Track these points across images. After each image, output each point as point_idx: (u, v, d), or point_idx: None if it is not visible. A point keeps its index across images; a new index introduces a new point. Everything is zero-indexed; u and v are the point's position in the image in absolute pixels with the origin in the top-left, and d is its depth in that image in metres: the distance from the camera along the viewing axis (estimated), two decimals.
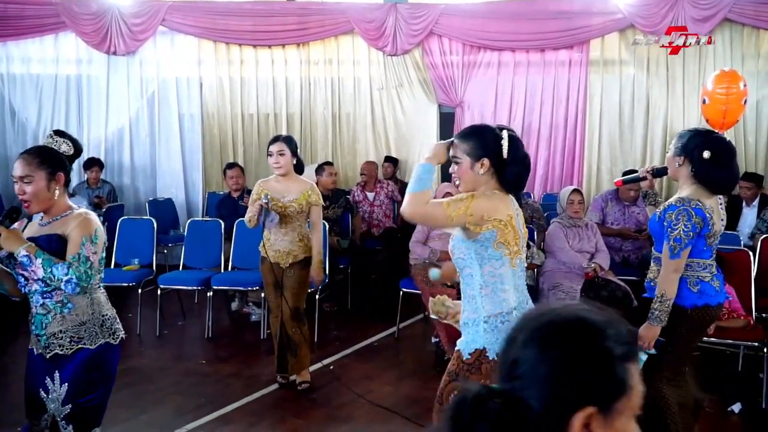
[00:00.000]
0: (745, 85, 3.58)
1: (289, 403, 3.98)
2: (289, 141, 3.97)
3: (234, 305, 5.89)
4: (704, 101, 4.14)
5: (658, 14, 6.80)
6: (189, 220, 5.73)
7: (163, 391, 4.09)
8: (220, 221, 5.49)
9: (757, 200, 5.86)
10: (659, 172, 3.10)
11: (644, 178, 3.18)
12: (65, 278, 2.27)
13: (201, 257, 5.48)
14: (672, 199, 2.86)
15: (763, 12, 6.53)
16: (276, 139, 3.98)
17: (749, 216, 5.80)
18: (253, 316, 5.54)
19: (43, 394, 2.39)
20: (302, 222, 4.01)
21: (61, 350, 2.36)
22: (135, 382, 4.17)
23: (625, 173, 3.20)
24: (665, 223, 2.78)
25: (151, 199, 7.26)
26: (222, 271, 5.40)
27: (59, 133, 2.49)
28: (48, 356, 2.38)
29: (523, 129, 7.40)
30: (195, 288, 5.29)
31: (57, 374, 2.37)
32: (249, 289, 5.26)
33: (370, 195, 6.74)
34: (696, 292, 2.83)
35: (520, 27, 7.31)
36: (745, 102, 3.57)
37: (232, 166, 6.25)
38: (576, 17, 7.14)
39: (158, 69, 7.60)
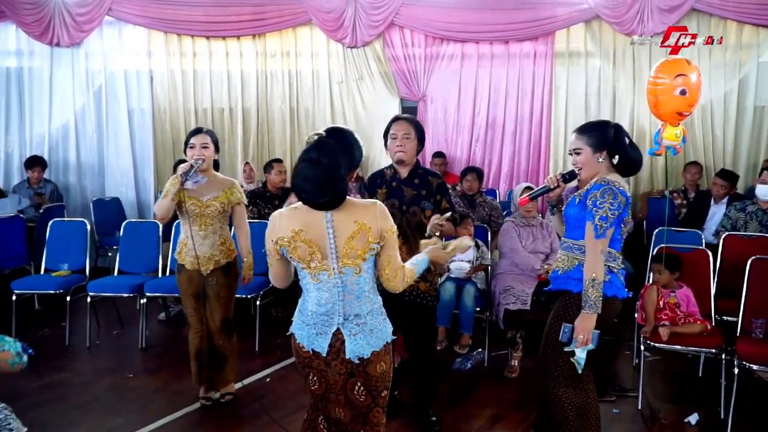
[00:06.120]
0: (678, 76, 3.31)
1: (216, 421, 3.68)
2: (212, 134, 3.65)
3: (171, 311, 5.57)
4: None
5: (624, 4, 6.56)
6: (125, 222, 5.41)
7: (80, 408, 3.78)
8: (158, 223, 5.18)
9: (725, 198, 5.66)
10: (570, 177, 2.89)
11: (556, 188, 2.91)
12: None
13: (137, 261, 5.17)
14: (592, 182, 2.77)
15: (730, 2, 6.31)
16: (198, 130, 3.61)
17: (717, 213, 5.59)
18: None
19: None
20: (223, 224, 3.65)
21: None
22: (52, 399, 3.87)
23: (566, 173, 2.92)
24: (589, 203, 2.67)
25: (94, 199, 6.90)
26: (160, 275, 5.10)
27: None
28: None
29: (488, 123, 7.17)
30: (127, 295, 4.95)
31: None
32: None
33: None
34: (607, 282, 2.70)
35: (484, 18, 7.04)
36: (682, 93, 3.30)
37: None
38: (541, 8, 6.87)
39: (105, 61, 7.27)
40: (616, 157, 2.75)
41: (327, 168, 2.10)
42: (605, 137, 2.76)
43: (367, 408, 2.31)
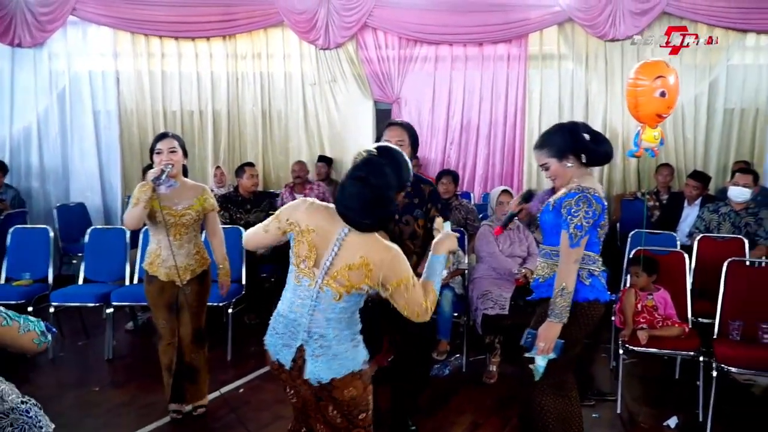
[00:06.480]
0: (658, 78, 3.29)
1: None
2: (179, 138, 3.51)
3: (139, 320, 5.39)
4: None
5: (597, 7, 6.59)
6: (90, 228, 5.21)
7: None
8: (125, 229, 5.01)
9: (699, 198, 5.70)
10: (528, 196, 2.96)
11: (520, 211, 3.03)
12: None
13: (103, 269, 4.99)
14: (566, 188, 2.71)
15: (700, 5, 6.39)
16: (164, 135, 3.47)
17: (691, 215, 5.61)
18: None
19: None
20: (197, 232, 3.54)
21: None
22: None
23: (523, 195, 3.12)
24: (563, 211, 2.62)
25: (58, 204, 6.66)
26: (127, 283, 4.93)
27: None
28: None
29: (462, 126, 7.15)
30: (92, 305, 4.75)
31: None
32: None
33: (300, 197, 6.33)
34: (588, 285, 2.69)
35: (458, 20, 7.00)
36: (662, 95, 3.28)
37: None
38: (514, 10, 6.87)
39: (69, 62, 7.06)
40: (583, 156, 2.68)
41: (375, 187, 2.02)
42: (563, 143, 2.69)
43: (347, 429, 2.19)
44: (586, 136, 2.69)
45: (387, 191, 2.05)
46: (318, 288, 2.09)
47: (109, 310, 4.68)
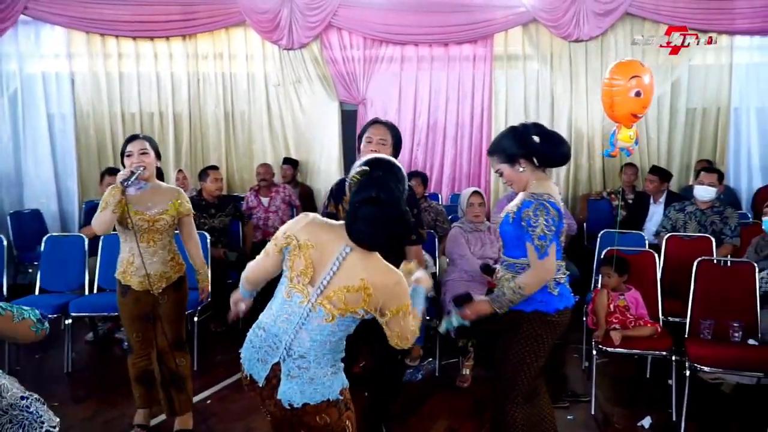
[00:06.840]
0: (633, 78, 3.26)
1: None
2: (151, 140, 3.33)
3: (99, 330, 5.18)
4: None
5: (561, 8, 6.64)
6: (46, 236, 4.98)
7: None
8: (84, 237, 4.81)
9: (663, 197, 5.77)
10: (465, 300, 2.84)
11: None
12: None
13: (61, 278, 4.77)
14: (520, 197, 2.65)
15: (663, 6, 6.48)
16: (135, 137, 3.29)
17: (656, 213, 5.68)
18: (126, 343, 4.89)
19: None
20: (171, 237, 3.37)
21: None
22: None
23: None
24: (523, 222, 2.55)
25: (12, 211, 6.37)
26: (86, 293, 4.72)
27: None
28: None
29: (429, 126, 7.12)
30: (50, 315, 4.54)
31: None
32: (116, 314, 4.60)
33: (265, 200, 6.21)
34: (557, 295, 2.66)
35: (423, 20, 6.97)
36: (637, 94, 3.26)
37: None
38: (479, 11, 6.88)
39: (21, 64, 6.78)
40: (534, 159, 2.63)
41: (389, 204, 1.94)
42: (512, 149, 2.63)
43: None
44: (536, 139, 2.61)
45: (401, 205, 1.98)
46: (310, 306, 1.99)
47: (68, 321, 4.48)
